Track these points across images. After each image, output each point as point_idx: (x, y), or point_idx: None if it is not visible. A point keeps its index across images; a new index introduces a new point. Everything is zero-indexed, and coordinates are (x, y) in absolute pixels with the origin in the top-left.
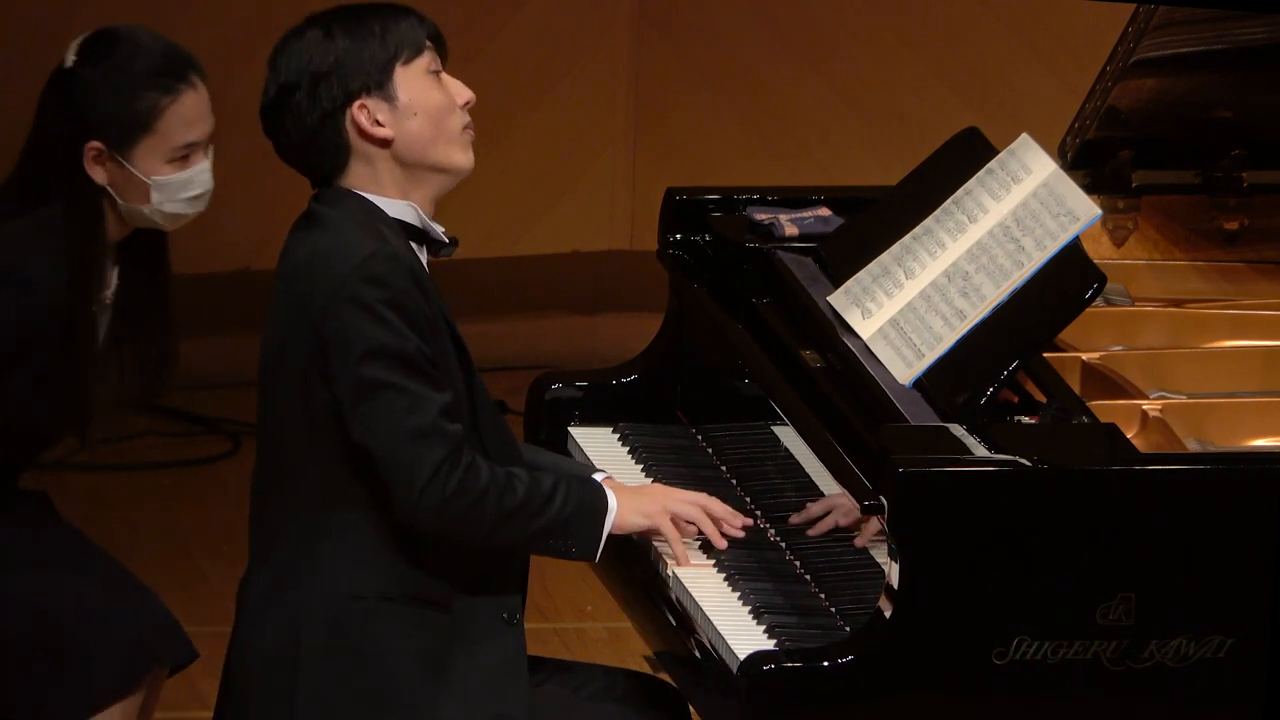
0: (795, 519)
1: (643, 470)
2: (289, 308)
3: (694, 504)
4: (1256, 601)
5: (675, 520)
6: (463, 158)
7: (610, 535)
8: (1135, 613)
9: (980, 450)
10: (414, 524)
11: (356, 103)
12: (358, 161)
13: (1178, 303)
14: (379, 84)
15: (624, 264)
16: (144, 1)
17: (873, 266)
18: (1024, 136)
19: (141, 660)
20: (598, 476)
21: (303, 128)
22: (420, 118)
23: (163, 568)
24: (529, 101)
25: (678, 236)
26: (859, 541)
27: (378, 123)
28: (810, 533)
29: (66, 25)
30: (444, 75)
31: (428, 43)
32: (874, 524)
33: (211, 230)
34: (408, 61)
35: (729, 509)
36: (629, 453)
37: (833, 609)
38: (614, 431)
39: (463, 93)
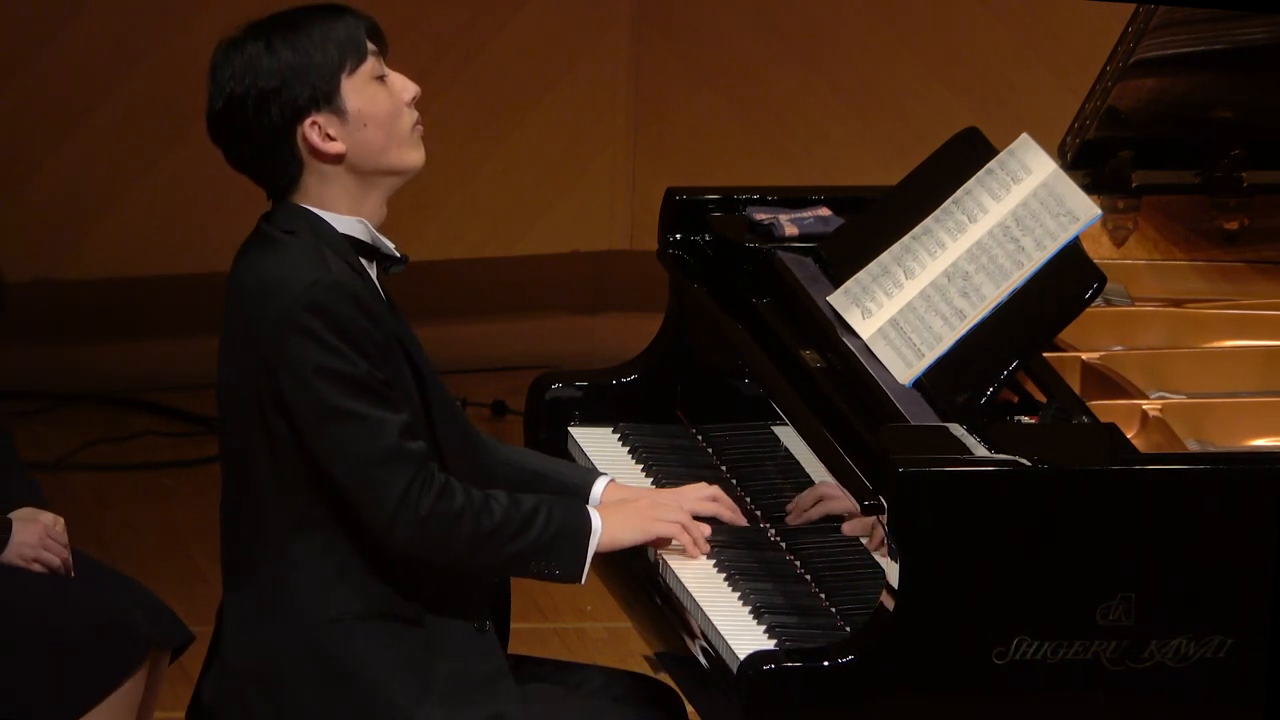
0: (789, 516)
1: (643, 470)
2: (241, 334)
3: (682, 512)
4: (1256, 601)
5: (659, 538)
6: (415, 156)
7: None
8: (1135, 613)
9: (980, 450)
10: (390, 547)
11: (308, 120)
12: (311, 176)
13: (1178, 303)
14: (327, 98)
15: (624, 264)
16: (146, 1)
17: (873, 266)
18: (1024, 136)
19: (134, 645)
20: (601, 481)
21: (253, 143)
22: (371, 127)
23: (163, 568)
24: (529, 101)
25: (678, 236)
26: (862, 539)
27: (329, 137)
28: (798, 521)
29: (67, 24)
30: (387, 74)
31: (370, 45)
32: (877, 533)
33: (211, 230)
34: (352, 71)
35: (705, 502)
36: (629, 453)
37: (833, 609)
38: (614, 431)
39: (408, 88)
